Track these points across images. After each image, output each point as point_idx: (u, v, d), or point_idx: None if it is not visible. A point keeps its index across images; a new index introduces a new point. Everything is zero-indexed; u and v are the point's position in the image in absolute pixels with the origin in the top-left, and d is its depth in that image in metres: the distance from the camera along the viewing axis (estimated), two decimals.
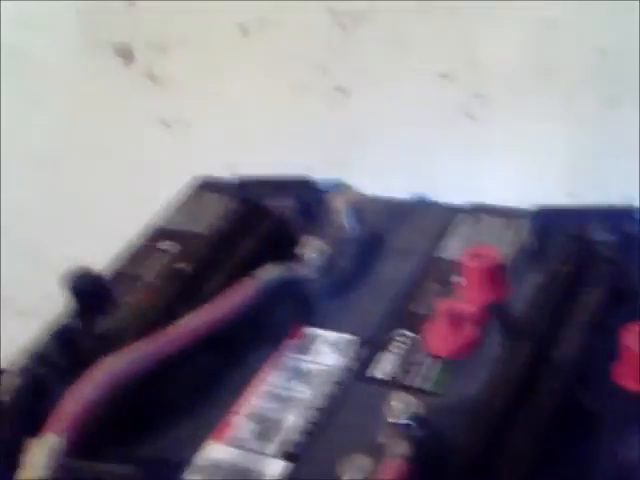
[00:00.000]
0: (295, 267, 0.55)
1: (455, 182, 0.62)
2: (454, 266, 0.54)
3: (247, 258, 0.55)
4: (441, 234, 0.59)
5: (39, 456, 0.40)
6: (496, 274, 0.52)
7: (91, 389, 0.43)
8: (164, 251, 0.57)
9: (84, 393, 0.43)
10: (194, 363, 0.51)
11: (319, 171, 0.61)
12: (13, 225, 0.81)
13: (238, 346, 0.53)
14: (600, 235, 0.53)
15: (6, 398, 0.46)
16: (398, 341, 0.52)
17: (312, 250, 0.55)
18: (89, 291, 0.52)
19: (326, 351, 0.53)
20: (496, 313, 0.52)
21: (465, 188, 0.61)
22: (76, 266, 0.53)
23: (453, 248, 0.58)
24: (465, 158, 0.61)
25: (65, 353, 0.49)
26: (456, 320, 0.50)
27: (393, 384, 0.49)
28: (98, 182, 0.75)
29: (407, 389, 0.47)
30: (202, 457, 0.47)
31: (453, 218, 0.60)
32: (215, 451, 0.48)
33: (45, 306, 0.52)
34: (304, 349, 0.53)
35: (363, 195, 0.60)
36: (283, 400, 0.50)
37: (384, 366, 0.51)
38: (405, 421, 0.44)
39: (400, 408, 0.44)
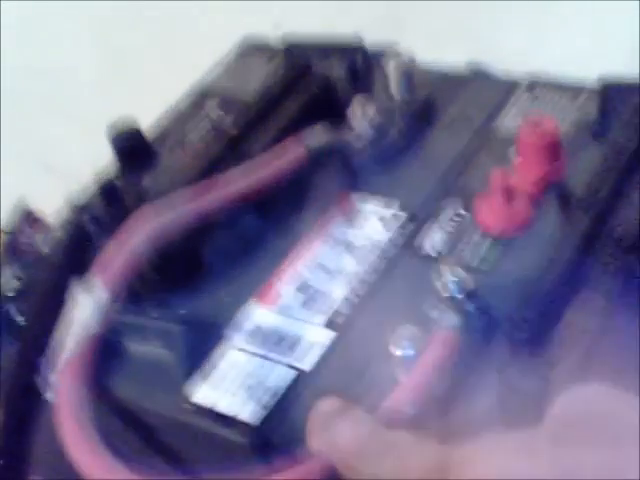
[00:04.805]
0: (343, 133, 0.53)
1: (516, 50, 0.58)
2: (511, 141, 0.52)
3: (293, 122, 0.52)
4: (498, 107, 0.56)
5: (87, 309, 0.40)
6: (554, 149, 0.50)
7: (135, 240, 0.42)
8: (209, 113, 0.54)
9: (129, 244, 0.42)
10: (237, 225, 0.50)
11: (369, 32, 0.58)
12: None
13: (283, 211, 0.51)
14: None
15: (51, 250, 0.45)
16: (448, 216, 0.50)
17: (361, 117, 0.53)
18: (130, 145, 0.51)
19: (373, 223, 0.51)
20: (552, 190, 0.50)
21: (527, 57, 0.57)
22: (119, 121, 0.52)
23: (510, 122, 0.55)
24: (529, 22, 0.57)
25: (109, 209, 0.48)
26: (509, 196, 0.48)
27: (441, 259, 0.48)
28: (144, 41, 0.72)
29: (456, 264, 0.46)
30: (245, 319, 0.47)
31: (512, 91, 0.57)
32: (258, 315, 0.47)
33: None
34: (351, 220, 0.51)
35: (415, 63, 0.56)
36: (329, 271, 0.49)
37: (432, 241, 0.49)
38: (455, 294, 0.43)
39: (450, 281, 0.43)
